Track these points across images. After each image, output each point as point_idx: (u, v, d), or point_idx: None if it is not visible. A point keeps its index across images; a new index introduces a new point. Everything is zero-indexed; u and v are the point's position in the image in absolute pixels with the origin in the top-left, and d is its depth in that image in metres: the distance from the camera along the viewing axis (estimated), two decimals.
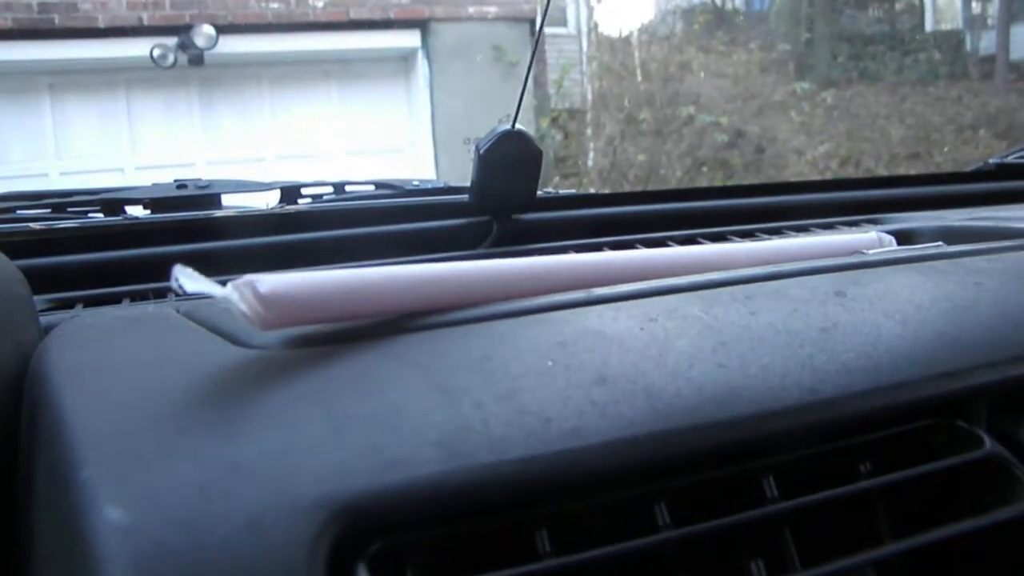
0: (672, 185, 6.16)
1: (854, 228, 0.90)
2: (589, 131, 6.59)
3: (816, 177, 6.37)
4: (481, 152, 0.82)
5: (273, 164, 5.92)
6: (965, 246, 0.62)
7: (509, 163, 0.83)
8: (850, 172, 6.56)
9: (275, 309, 0.40)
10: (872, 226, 0.87)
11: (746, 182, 6.17)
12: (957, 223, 0.81)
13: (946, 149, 7.19)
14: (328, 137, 6.09)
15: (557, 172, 6.16)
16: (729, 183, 6.10)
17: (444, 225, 0.87)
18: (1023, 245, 0.62)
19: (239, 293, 0.40)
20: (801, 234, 0.88)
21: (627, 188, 6.24)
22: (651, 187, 6.18)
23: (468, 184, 0.87)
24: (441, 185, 1.09)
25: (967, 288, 0.51)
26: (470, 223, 0.87)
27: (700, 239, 0.88)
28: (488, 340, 0.42)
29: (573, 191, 1.16)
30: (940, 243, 0.71)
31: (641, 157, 6.36)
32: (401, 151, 6.17)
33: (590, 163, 6.46)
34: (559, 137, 6.42)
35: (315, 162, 5.84)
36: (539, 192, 0.89)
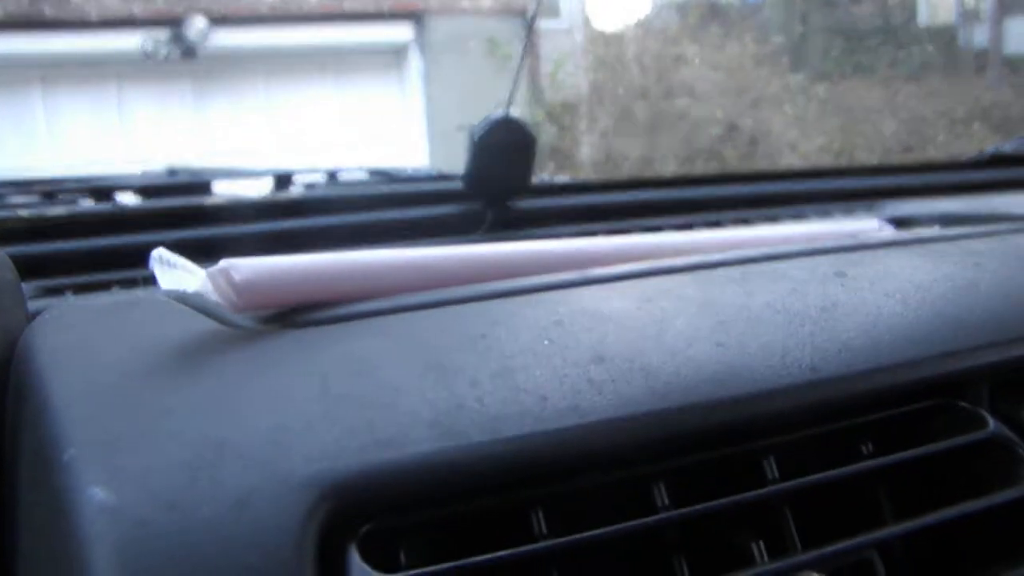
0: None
1: (851, 215, 0.89)
2: (583, 124, 6.58)
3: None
4: (475, 138, 0.81)
5: (267, 157, 5.89)
6: (964, 228, 0.62)
7: (503, 149, 0.83)
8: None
9: (249, 295, 0.40)
10: (869, 212, 0.86)
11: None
12: (954, 209, 0.80)
13: (940, 139, 7.19)
14: (322, 130, 6.07)
15: (552, 164, 6.15)
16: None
17: (438, 212, 0.86)
18: (1022, 228, 0.62)
19: (213, 282, 0.40)
20: (798, 221, 0.87)
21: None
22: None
23: (462, 172, 0.86)
24: (434, 173, 1.08)
25: (967, 269, 0.50)
26: (464, 209, 0.86)
27: (696, 226, 0.88)
28: (484, 319, 0.42)
29: (568, 178, 1.15)
30: (937, 227, 0.71)
31: (635, 150, 6.35)
32: (395, 144, 6.15)
33: (584, 156, 6.45)
34: (553, 130, 6.41)
35: (309, 155, 5.82)
36: (534, 179, 0.89)
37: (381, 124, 6.20)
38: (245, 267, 0.40)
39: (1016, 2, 8.04)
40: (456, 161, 0.91)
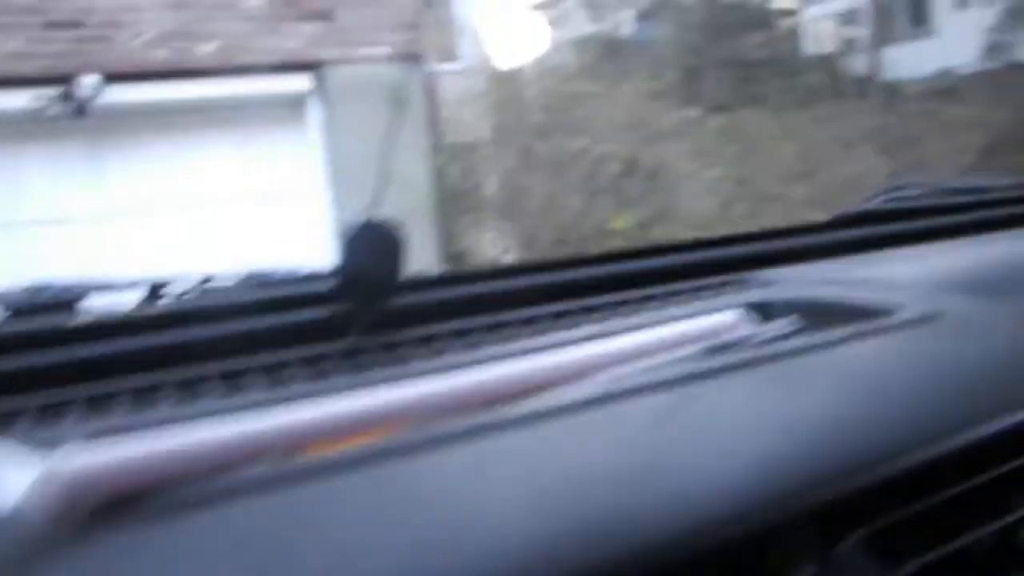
0: (570, 215, 6.26)
1: (719, 293, 0.92)
2: (485, 166, 6.63)
3: (710, 201, 6.55)
4: (344, 242, 0.82)
5: (164, 216, 5.79)
6: (822, 335, 0.65)
7: (373, 251, 0.83)
8: (744, 192, 6.75)
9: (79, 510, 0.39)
10: (731, 296, 0.89)
11: (640, 211, 6.33)
12: (811, 295, 0.83)
13: (834, 160, 7.43)
14: (221, 184, 5.98)
15: (455, 209, 6.17)
16: (624, 214, 6.25)
17: (310, 317, 0.86)
18: (881, 327, 0.65)
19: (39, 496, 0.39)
20: (666, 306, 0.89)
21: (526, 221, 6.31)
22: (549, 219, 6.27)
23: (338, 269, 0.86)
24: (311, 272, 1.07)
25: (815, 395, 0.52)
26: (336, 313, 0.86)
27: (572, 313, 0.90)
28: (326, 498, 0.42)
29: (441, 271, 1.16)
30: (793, 318, 0.74)
31: (539, 189, 6.42)
32: (296, 195, 6.09)
33: (487, 198, 6.49)
34: (455, 174, 6.44)
35: (207, 211, 5.73)
36: (408, 274, 0.89)
37: (282, 176, 6.15)
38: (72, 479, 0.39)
39: (889, 33, 8.43)
40: (359, 206, 0.91)
